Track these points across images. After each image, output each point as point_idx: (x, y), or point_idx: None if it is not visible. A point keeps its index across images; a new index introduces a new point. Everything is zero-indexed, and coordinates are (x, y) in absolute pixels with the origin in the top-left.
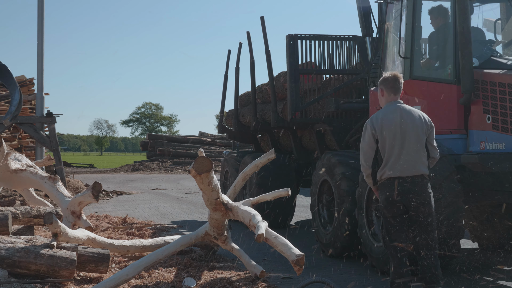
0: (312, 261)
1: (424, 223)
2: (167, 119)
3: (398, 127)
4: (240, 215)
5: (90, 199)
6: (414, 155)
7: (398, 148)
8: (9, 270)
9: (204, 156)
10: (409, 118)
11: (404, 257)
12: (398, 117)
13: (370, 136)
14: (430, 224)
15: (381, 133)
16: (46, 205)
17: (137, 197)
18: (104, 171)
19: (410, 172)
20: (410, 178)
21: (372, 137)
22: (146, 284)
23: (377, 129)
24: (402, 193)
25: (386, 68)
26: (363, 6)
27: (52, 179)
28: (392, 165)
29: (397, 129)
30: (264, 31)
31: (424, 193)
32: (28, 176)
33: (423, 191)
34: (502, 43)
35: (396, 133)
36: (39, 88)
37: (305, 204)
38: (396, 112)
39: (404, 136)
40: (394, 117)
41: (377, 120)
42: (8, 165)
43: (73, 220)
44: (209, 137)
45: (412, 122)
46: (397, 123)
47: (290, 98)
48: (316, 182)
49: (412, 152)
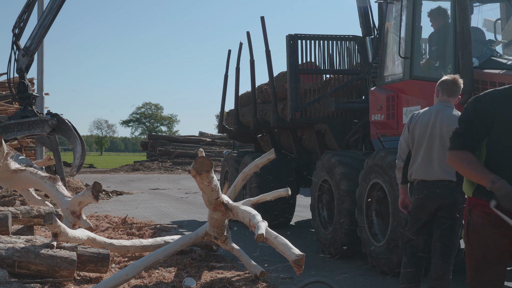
0: (312, 261)
1: (445, 226)
2: (167, 119)
3: (428, 129)
4: (240, 215)
5: (90, 199)
6: (438, 159)
7: (424, 150)
8: (9, 270)
9: (204, 156)
10: (445, 122)
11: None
12: (432, 118)
13: (406, 131)
14: (452, 228)
15: (413, 131)
16: (46, 205)
17: (137, 197)
18: (104, 171)
19: (434, 176)
20: (435, 182)
21: (408, 132)
22: (146, 284)
23: (411, 127)
24: (427, 197)
25: (386, 68)
26: (363, 6)
27: (52, 179)
28: (418, 167)
29: (426, 131)
30: (264, 31)
31: (451, 197)
32: (28, 176)
33: (449, 195)
34: (502, 43)
35: (425, 134)
36: (39, 88)
37: (305, 204)
38: (434, 114)
39: (432, 139)
40: (429, 118)
41: (414, 117)
42: (8, 165)
43: (73, 220)
44: (209, 137)
45: (448, 127)
46: (428, 125)
47: (290, 98)
48: (316, 182)
49: (437, 157)
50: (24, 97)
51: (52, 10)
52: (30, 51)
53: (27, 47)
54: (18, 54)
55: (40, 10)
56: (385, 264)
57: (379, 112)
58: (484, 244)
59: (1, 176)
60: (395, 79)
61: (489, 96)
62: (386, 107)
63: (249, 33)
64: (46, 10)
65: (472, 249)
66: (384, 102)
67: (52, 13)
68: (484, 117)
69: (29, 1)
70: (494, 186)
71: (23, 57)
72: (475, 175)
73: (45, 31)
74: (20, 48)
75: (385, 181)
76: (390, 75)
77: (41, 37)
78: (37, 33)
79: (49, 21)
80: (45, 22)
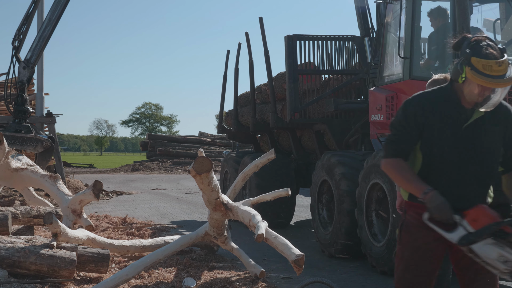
0: (312, 261)
1: None
2: (167, 119)
3: None
4: (240, 215)
5: (91, 197)
6: None
7: None
8: (9, 270)
9: (204, 156)
10: None
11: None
12: None
13: None
14: None
15: None
16: (47, 205)
17: (137, 197)
18: (104, 171)
19: None
20: None
21: None
22: (146, 284)
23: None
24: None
25: (386, 68)
26: (361, 7)
27: (53, 177)
28: None
29: None
30: (263, 31)
31: None
32: (28, 175)
33: None
34: (502, 43)
35: None
36: (39, 88)
37: (305, 204)
38: None
39: None
40: None
41: None
42: (9, 163)
43: (73, 218)
44: (209, 137)
45: None
46: None
47: (289, 99)
48: (316, 182)
49: None
50: (20, 110)
51: (51, 21)
52: (31, 63)
53: (28, 59)
54: (19, 66)
55: (40, 22)
56: (385, 264)
57: (379, 112)
58: (416, 246)
59: (2, 175)
60: (395, 79)
61: (417, 99)
62: (385, 107)
63: (248, 33)
64: (45, 22)
65: (403, 250)
66: (384, 102)
67: (51, 25)
68: (414, 121)
69: (28, 13)
70: (426, 197)
71: (24, 69)
72: (408, 185)
73: (45, 42)
74: (21, 60)
75: (385, 181)
76: (390, 75)
77: (41, 48)
78: (37, 45)
79: (49, 33)
80: (44, 33)
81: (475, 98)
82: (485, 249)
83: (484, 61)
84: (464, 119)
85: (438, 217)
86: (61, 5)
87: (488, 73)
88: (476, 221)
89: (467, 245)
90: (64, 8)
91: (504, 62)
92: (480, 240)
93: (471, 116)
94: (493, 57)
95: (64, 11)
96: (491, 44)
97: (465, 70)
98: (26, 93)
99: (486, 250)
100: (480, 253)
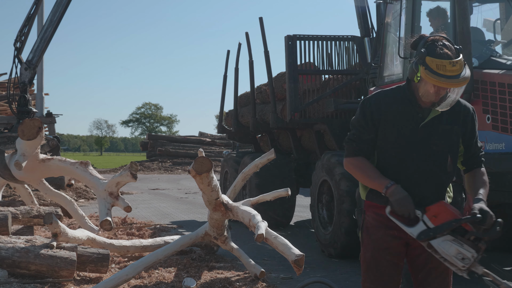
0: (312, 261)
1: None
2: (167, 119)
3: None
4: (240, 215)
5: (129, 178)
6: None
7: None
8: (9, 270)
9: (204, 156)
10: None
11: None
12: None
13: None
14: None
15: None
16: (64, 198)
17: (137, 197)
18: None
19: None
20: None
21: None
22: (146, 284)
23: None
24: None
25: (386, 68)
26: (361, 7)
27: (84, 164)
28: None
29: None
30: (263, 31)
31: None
32: (57, 164)
33: None
34: (502, 43)
35: None
36: (39, 88)
37: (305, 204)
38: None
39: None
40: None
41: None
42: (37, 154)
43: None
44: (209, 137)
45: None
46: None
47: (289, 99)
48: (316, 182)
49: None
50: (23, 111)
51: (53, 22)
52: (32, 64)
53: (29, 61)
54: (20, 68)
55: (40, 23)
56: None
57: None
58: (376, 246)
59: (30, 166)
60: (395, 79)
61: (375, 97)
62: None
63: (248, 33)
64: (46, 23)
65: (365, 251)
66: None
67: (52, 26)
68: (372, 120)
69: (29, 14)
70: (388, 191)
71: (25, 70)
72: (370, 182)
73: (47, 43)
74: (23, 61)
75: None
76: (390, 75)
77: (42, 50)
78: (39, 46)
79: (50, 34)
80: (46, 34)
81: (431, 97)
82: (444, 246)
83: (438, 61)
84: (421, 118)
85: (400, 210)
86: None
87: (441, 72)
88: (436, 217)
89: (426, 240)
90: (66, 9)
91: (459, 62)
92: (439, 236)
93: (427, 115)
94: (447, 57)
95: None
96: (446, 44)
97: (420, 70)
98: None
99: (444, 246)
100: (439, 249)
